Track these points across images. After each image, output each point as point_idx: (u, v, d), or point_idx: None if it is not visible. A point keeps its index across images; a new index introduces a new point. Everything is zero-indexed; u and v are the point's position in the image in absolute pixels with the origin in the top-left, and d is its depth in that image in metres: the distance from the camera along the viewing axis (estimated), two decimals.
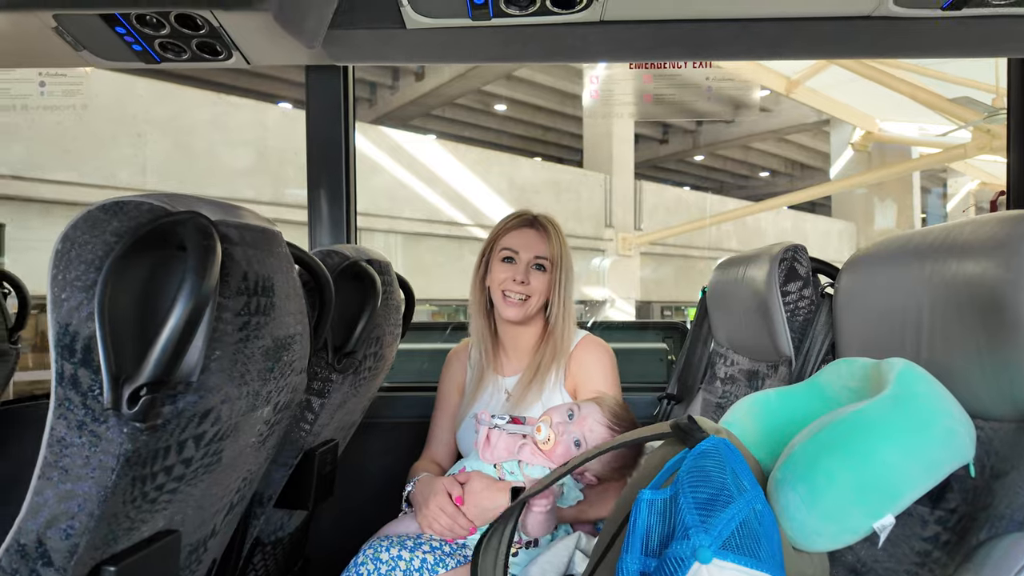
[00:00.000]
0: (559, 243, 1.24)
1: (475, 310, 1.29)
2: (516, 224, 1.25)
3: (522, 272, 1.20)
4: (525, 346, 1.27)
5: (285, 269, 0.75)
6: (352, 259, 1.03)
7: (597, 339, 1.28)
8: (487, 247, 1.28)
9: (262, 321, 0.68)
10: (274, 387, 0.75)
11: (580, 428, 1.06)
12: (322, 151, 1.43)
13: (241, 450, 0.75)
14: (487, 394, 1.28)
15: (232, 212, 0.68)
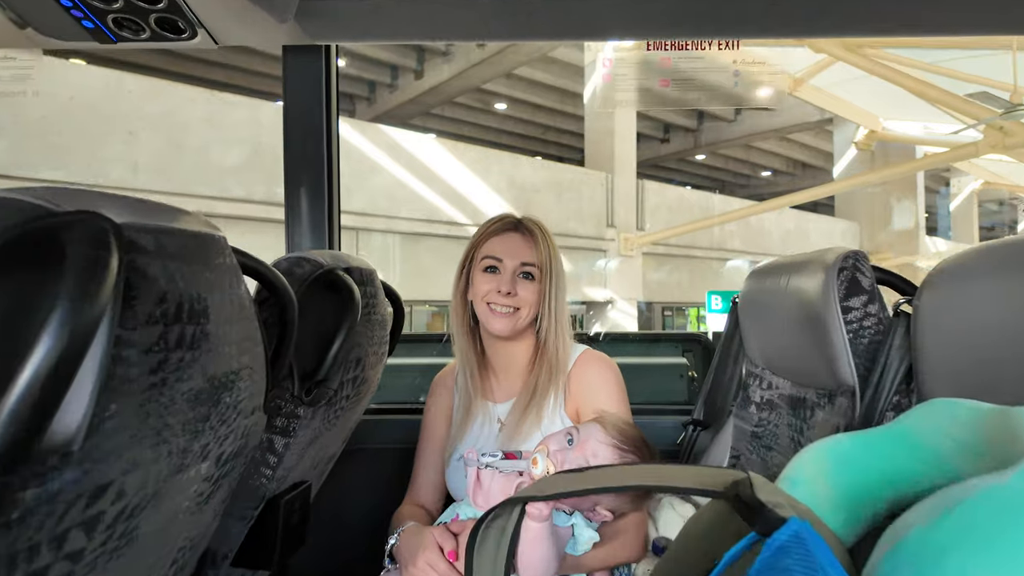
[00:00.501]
0: (548, 248, 1.07)
1: (458, 329, 1.12)
2: (498, 229, 1.09)
3: (508, 282, 1.04)
4: (517, 366, 1.11)
5: (228, 285, 0.58)
6: (326, 267, 0.87)
7: (598, 353, 1.12)
8: (467, 257, 1.12)
9: (188, 357, 0.51)
10: (213, 438, 0.58)
11: (582, 454, 0.90)
12: (301, 143, 1.26)
13: (170, 519, 0.58)
14: (477, 425, 1.11)
15: (154, 213, 0.52)
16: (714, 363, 1.21)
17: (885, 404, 0.75)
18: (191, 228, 0.55)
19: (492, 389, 1.13)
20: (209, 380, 0.55)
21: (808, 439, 0.92)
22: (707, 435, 1.21)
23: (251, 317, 0.63)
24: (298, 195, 1.24)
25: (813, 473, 0.62)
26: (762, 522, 0.47)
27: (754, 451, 1.08)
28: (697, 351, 1.62)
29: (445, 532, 0.90)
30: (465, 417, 1.10)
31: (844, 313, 0.80)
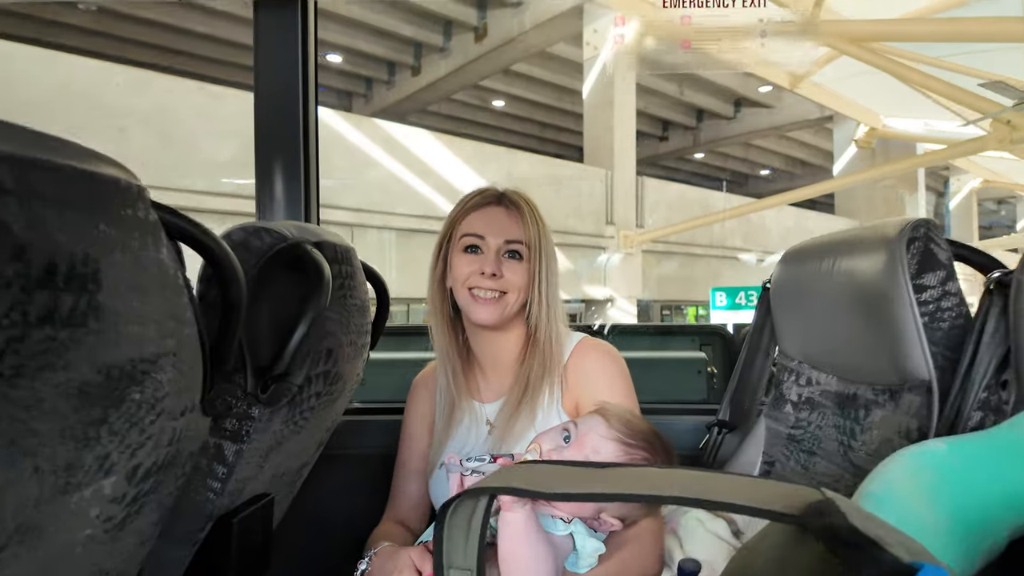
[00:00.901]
0: (536, 223, 0.93)
1: (436, 320, 0.98)
2: (478, 203, 0.96)
3: (492, 262, 0.91)
4: (506, 360, 0.98)
5: (138, 246, 0.44)
6: (291, 240, 0.72)
7: (597, 340, 0.98)
8: (444, 237, 0.97)
9: (65, 337, 0.37)
10: (117, 447, 0.44)
11: (581, 451, 0.77)
12: (274, 108, 1.11)
13: (61, 555, 0.44)
14: (463, 428, 0.97)
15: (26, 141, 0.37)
16: (741, 358, 1.07)
17: (974, 403, 0.61)
18: (84, 166, 0.40)
19: (479, 388, 1.00)
20: (103, 370, 0.40)
21: (864, 443, 0.78)
22: (734, 438, 1.07)
23: (176, 289, 0.48)
24: (271, 167, 1.09)
25: (908, 490, 0.48)
26: (873, 566, 0.33)
27: (791, 456, 0.94)
28: (717, 345, 1.48)
29: (424, 553, 0.76)
30: (449, 421, 0.96)
31: (917, 293, 0.66)
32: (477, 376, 1.00)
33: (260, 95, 1.11)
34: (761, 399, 1.07)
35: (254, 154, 1.10)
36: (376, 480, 1.21)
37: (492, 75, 11.86)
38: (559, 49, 11.17)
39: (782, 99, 13.68)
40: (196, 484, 0.66)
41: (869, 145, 12.23)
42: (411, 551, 0.77)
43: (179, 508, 0.66)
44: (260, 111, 1.11)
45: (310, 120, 1.11)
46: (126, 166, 0.46)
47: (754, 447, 1.02)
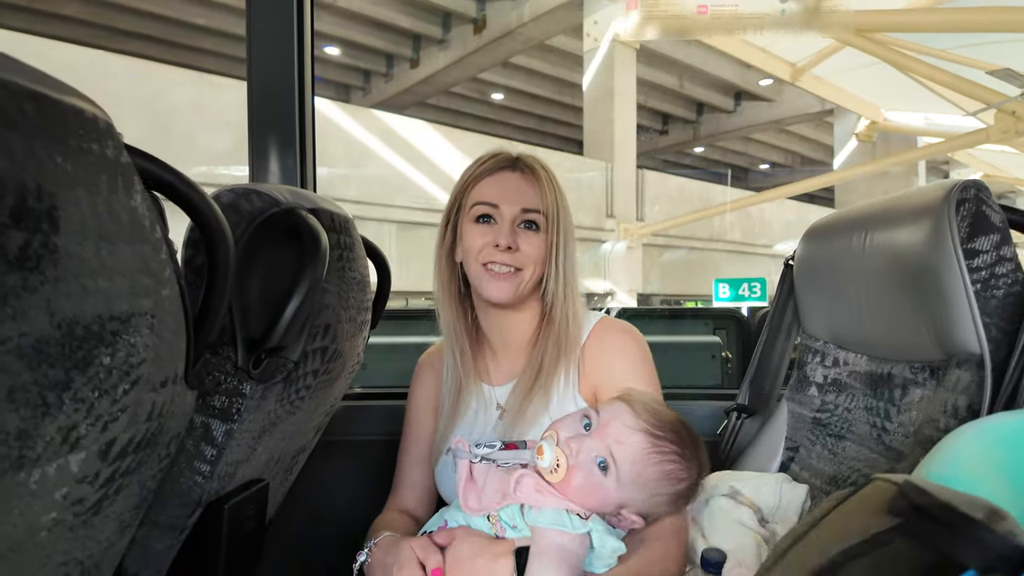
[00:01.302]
0: (553, 191, 0.86)
1: (443, 297, 0.91)
2: (491, 167, 0.87)
3: (507, 233, 0.83)
4: (519, 341, 0.91)
5: (107, 189, 0.38)
6: (285, 205, 0.67)
7: (617, 321, 0.91)
8: (453, 205, 0.89)
9: (15, 283, 0.31)
10: (85, 417, 0.38)
11: (603, 440, 0.71)
12: (269, 70, 1.05)
13: (17, 543, 0.38)
14: (471, 412, 0.90)
15: None
16: (761, 340, 1.02)
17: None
18: (35, 87, 0.35)
19: (488, 370, 0.93)
20: (62, 325, 0.35)
21: (901, 424, 0.72)
22: (753, 423, 1.01)
23: (153, 243, 0.43)
24: (265, 135, 1.03)
25: (978, 468, 0.43)
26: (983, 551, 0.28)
27: (818, 440, 0.88)
28: (731, 328, 1.42)
29: (428, 545, 0.70)
30: (455, 404, 0.90)
31: (968, 259, 0.61)
32: (487, 357, 0.94)
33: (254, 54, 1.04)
34: (783, 382, 1.02)
35: (247, 121, 1.04)
36: (377, 468, 1.15)
37: (491, 68, 11.77)
38: (559, 41, 11.08)
39: (782, 93, 13.62)
40: (182, 466, 0.60)
41: (870, 139, 12.18)
42: (413, 542, 0.70)
43: (164, 492, 0.60)
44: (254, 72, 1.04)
45: (307, 90, 1.05)
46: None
47: (775, 432, 0.97)
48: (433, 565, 0.67)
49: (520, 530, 0.70)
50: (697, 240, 12.25)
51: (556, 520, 0.67)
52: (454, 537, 0.70)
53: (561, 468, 0.69)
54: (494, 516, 0.71)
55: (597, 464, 0.69)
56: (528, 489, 0.69)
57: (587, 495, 0.69)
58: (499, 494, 0.71)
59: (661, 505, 0.73)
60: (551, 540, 0.66)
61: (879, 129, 11.94)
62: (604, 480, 0.69)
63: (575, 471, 0.69)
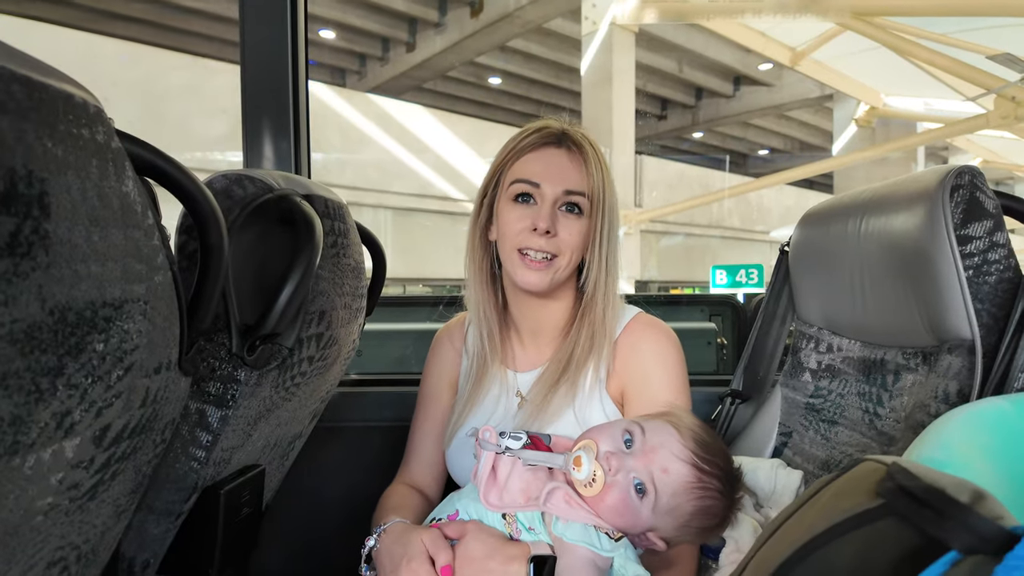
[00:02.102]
0: (601, 172, 0.79)
1: (474, 276, 0.86)
2: (535, 142, 0.80)
3: (547, 216, 0.77)
4: (550, 329, 0.86)
5: (98, 174, 0.38)
6: (278, 191, 0.66)
7: (654, 320, 0.86)
8: (490, 181, 0.83)
9: (8, 269, 0.31)
10: (79, 403, 0.39)
11: (645, 465, 0.66)
12: (262, 58, 1.04)
13: (13, 528, 0.39)
14: (491, 397, 0.87)
15: None
16: (756, 326, 1.02)
17: (1022, 361, 0.56)
18: (23, 71, 0.34)
19: (514, 355, 0.89)
20: (55, 311, 0.35)
21: (893, 409, 0.73)
22: (747, 408, 1.02)
23: (145, 229, 0.43)
24: (259, 119, 1.02)
25: (966, 451, 0.43)
26: (966, 533, 0.28)
27: (811, 426, 0.89)
28: (727, 315, 1.43)
29: (439, 539, 0.67)
30: (476, 387, 0.86)
31: (961, 245, 0.61)
32: (513, 342, 0.89)
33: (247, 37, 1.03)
34: (777, 368, 1.02)
35: (241, 107, 1.03)
36: (374, 454, 1.16)
37: (488, 51, 11.65)
38: (557, 25, 10.97)
39: (782, 77, 13.54)
40: (178, 452, 0.61)
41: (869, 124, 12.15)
42: (424, 535, 0.68)
43: (160, 478, 0.61)
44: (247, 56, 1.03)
45: (300, 72, 1.04)
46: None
47: (769, 417, 0.97)
48: (443, 562, 0.65)
49: (536, 533, 0.67)
50: (695, 226, 12.25)
51: (585, 537, 0.64)
52: (466, 531, 0.68)
53: (597, 484, 0.65)
54: (511, 515, 0.69)
55: (635, 486, 0.65)
56: (559, 502, 0.66)
57: (618, 515, 0.65)
58: (523, 495, 0.68)
59: (689, 535, 0.69)
60: (582, 556, 0.63)
61: (879, 114, 11.91)
62: (639, 505, 0.65)
63: (611, 489, 0.65)
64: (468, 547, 0.66)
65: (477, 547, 0.65)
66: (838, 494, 0.38)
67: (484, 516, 0.70)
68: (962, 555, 0.28)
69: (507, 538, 0.67)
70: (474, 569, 0.64)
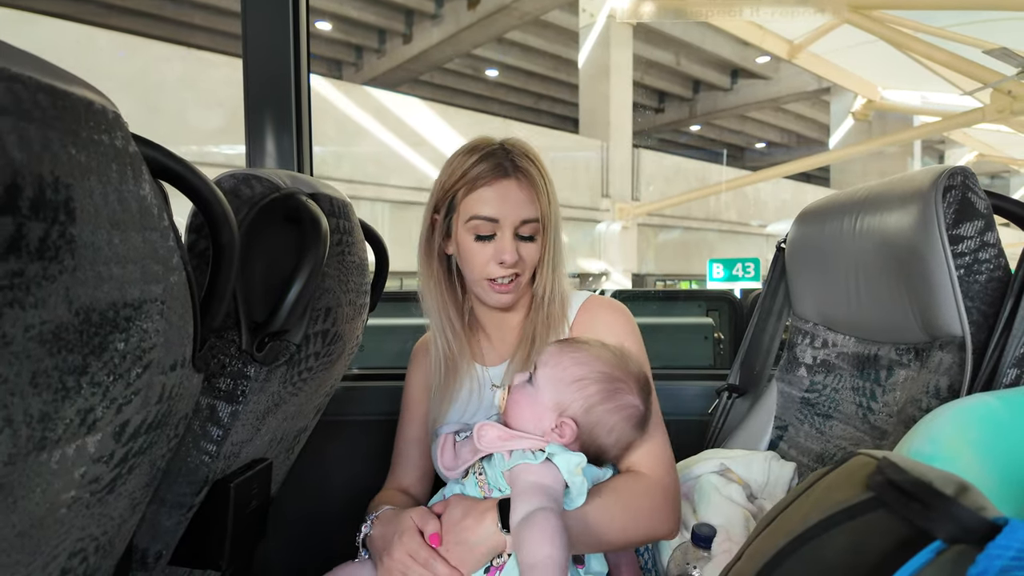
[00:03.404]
0: (548, 195, 0.86)
1: (431, 286, 0.91)
2: (486, 175, 0.84)
3: (510, 249, 0.83)
4: (511, 323, 0.93)
5: (117, 179, 0.39)
6: (285, 190, 0.67)
7: (605, 298, 0.93)
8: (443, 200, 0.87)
9: (35, 272, 0.32)
10: (101, 400, 0.40)
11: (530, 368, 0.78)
12: (264, 53, 1.05)
13: (42, 517, 0.40)
14: (464, 392, 0.91)
15: None
16: (753, 321, 1.04)
17: (1011, 359, 0.58)
18: (47, 80, 0.35)
19: (482, 351, 0.94)
20: (80, 312, 0.36)
21: (886, 404, 0.75)
22: (743, 403, 1.04)
23: (161, 231, 0.44)
24: (262, 117, 1.03)
25: (955, 446, 0.45)
26: (950, 523, 0.30)
27: (806, 420, 0.91)
28: (724, 310, 1.44)
29: (426, 513, 0.73)
30: (446, 384, 0.91)
31: (953, 244, 0.63)
32: (480, 339, 0.95)
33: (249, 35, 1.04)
34: (773, 363, 1.04)
35: (244, 105, 1.04)
36: (375, 447, 1.18)
37: (486, 43, 11.61)
38: (554, 16, 10.93)
39: (779, 70, 13.53)
40: (190, 446, 0.62)
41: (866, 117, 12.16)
42: (412, 512, 0.73)
43: (172, 471, 0.62)
44: (249, 54, 1.04)
45: (302, 70, 1.04)
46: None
47: (765, 411, 0.99)
48: (431, 531, 0.71)
49: (507, 491, 0.72)
50: (693, 220, 12.26)
51: (520, 457, 0.70)
52: (448, 504, 0.74)
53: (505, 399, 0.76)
54: (482, 480, 0.75)
55: (524, 382, 0.76)
56: (491, 438, 0.73)
57: (523, 410, 0.74)
58: (471, 453, 0.76)
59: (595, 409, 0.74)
60: (524, 479, 0.69)
61: (876, 108, 11.92)
62: (531, 390, 0.75)
63: (511, 395, 0.76)
64: (449, 514, 0.72)
65: (456, 512, 0.72)
66: (830, 487, 0.40)
67: (464, 490, 0.76)
68: (946, 544, 0.30)
69: (482, 499, 0.73)
70: (456, 530, 0.70)
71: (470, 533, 0.69)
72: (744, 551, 0.44)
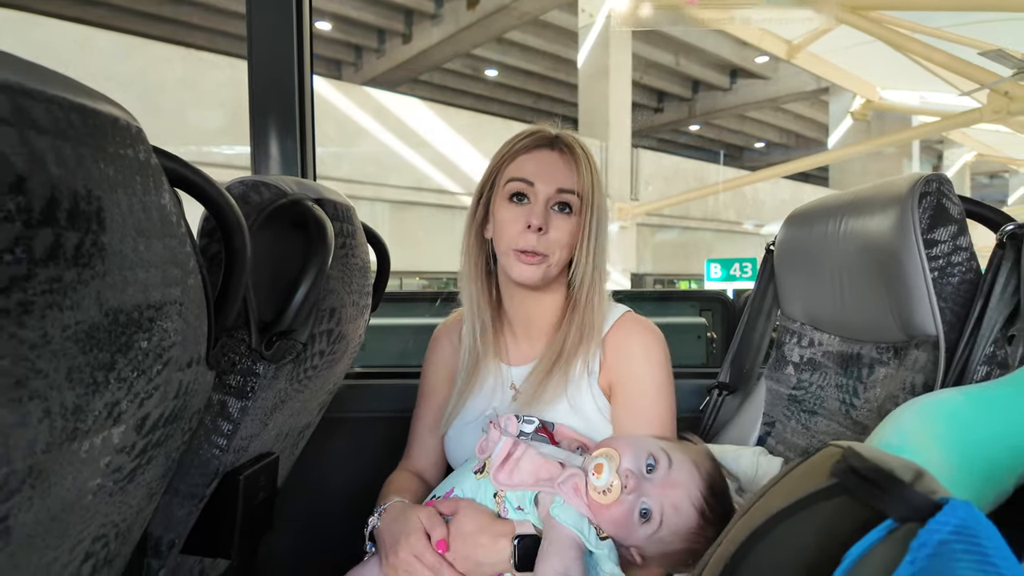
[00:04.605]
0: (591, 173, 0.84)
1: (469, 273, 0.90)
2: (529, 144, 0.85)
3: (540, 213, 0.81)
4: (541, 323, 0.90)
5: (141, 190, 0.43)
6: (291, 196, 0.71)
7: (643, 319, 0.90)
8: (486, 181, 0.88)
9: (71, 277, 0.36)
10: (126, 394, 0.43)
11: (660, 496, 0.68)
12: (269, 61, 1.08)
13: (72, 503, 0.43)
14: (487, 388, 0.91)
15: (21, 69, 0.36)
16: (743, 321, 1.07)
17: (983, 355, 0.61)
18: (79, 100, 0.39)
19: (507, 349, 0.92)
20: (109, 314, 0.39)
21: (867, 401, 0.78)
22: (734, 400, 1.07)
23: (179, 237, 0.47)
24: (266, 123, 1.06)
25: (920, 438, 0.48)
26: (901, 504, 0.33)
27: (792, 416, 0.94)
28: (717, 310, 1.48)
29: (434, 516, 0.73)
30: (470, 379, 0.90)
31: (927, 248, 0.66)
32: (507, 337, 0.93)
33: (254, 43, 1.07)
34: (762, 362, 1.08)
35: (249, 111, 1.07)
36: (376, 443, 1.21)
37: (485, 43, 11.63)
38: (553, 16, 10.95)
39: (778, 70, 13.55)
40: (201, 440, 0.65)
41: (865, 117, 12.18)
42: (421, 512, 0.73)
43: (185, 463, 0.65)
44: (254, 62, 1.07)
45: (306, 75, 1.08)
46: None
47: (754, 408, 1.03)
48: (438, 536, 0.70)
49: (525, 514, 0.71)
50: (691, 220, 12.30)
51: (578, 525, 0.67)
52: (459, 508, 0.73)
53: (611, 494, 0.67)
54: (501, 495, 0.73)
55: (641, 510, 0.68)
56: (570, 488, 0.69)
57: (615, 526, 0.68)
58: (531, 476, 0.72)
59: (664, 563, 0.72)
60: (568, 537, 0.66)
61: (874, 108, 11.94)
62: (639, 527, 0.68)
63: (620, 505, 0.67)
64: (460, 523, 0.71)
65: (469, 523, 0.71)
66: (801, 475, 0.43)
67: (476, 495, 0.75)
68: (898, 524, 0.33)
69: (496, 516, 0.72)
70: (465, 543, 0.70)
71: (482, 553, 0.68)
72: (724, 537, 0.48)
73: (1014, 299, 0.60)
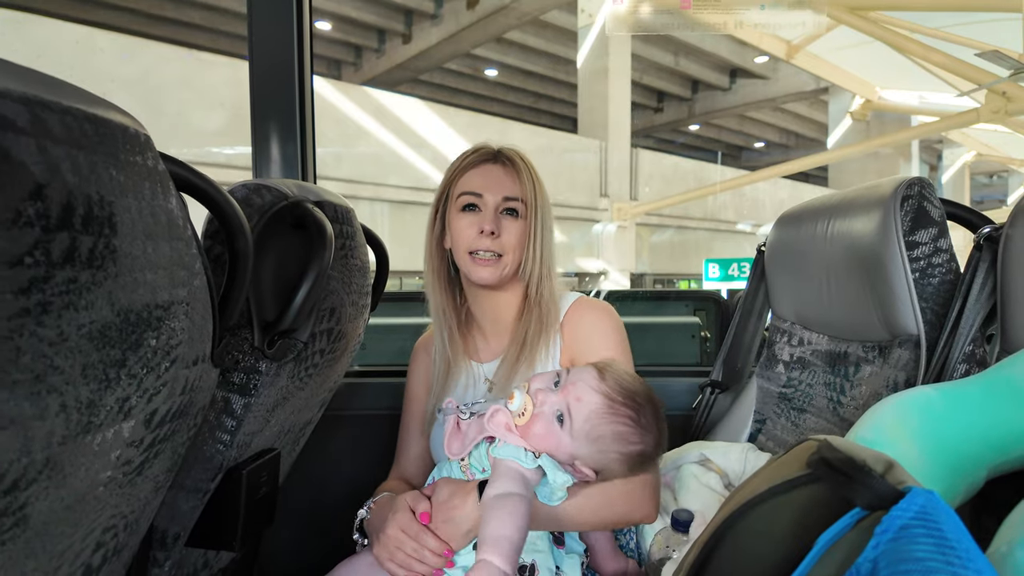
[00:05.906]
0: (532, 180, 0.93)
1: (433, 283, 0.97)
2: (475, 160, 0.94)
3: (491, 220, 0.90)
4: (505, 320, 0.97)
5: (149, 195, 0.45)
6: (292, 198, 0.73)
7: (593, 300, 0.99)
8: (441, 197, 0.96)
9: (86, 279, 0.38)
10: (135, 390, 0.45)
11: (565, 397, 0.76)
12: (269, 64, 1.10)
13: (84, 494, 0.45)
14: (460, 387, 0.98)
15: (36, 82, 0.38)
16: (734, 320, 1.09)
17: (962, 354, 0.63)
18: (92, 110, 0.41)
19: (476, 348, 1.00)
20: (120, 313, 0.41)
21: (853, 398, 0.80)
22: (726, 398, 1.09)
23: (186, 240, 0.49)
24: (267, 126, 1.08)
25: (895, 433, 0.50)
26: (868, 493, 0.35)
27: (782, 413, 0.96)
28: (710, 309, 1.50)
29: (417, 495, 0.80)
30: (445, 381, 0.97)
31: (909, 250, 0.68)
32: (476, 337, 1.00)
33: (256, 49, 1.09)
34: (754, 360, 1.10)
35: (250, 115, 1.09)
36: (375, 440, 1.24)
37: (485, 43, 11.65)
38: (553, 16, 10.97)
39: (777, 70, 13.57)
40: (206, 435, 0.67)
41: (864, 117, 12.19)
42: (406, 494, 0.80)
43: (190, 458, 0.68)
44: (255, 67, 1.09)
45: (306, 78, 1.09)
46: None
47: (745, 406, 1.05)
48: (422, 510, 0.77)
49: (488, 473, 0.77)
50: (691, 219, 12.32)
51: (514, 454, 0.74)
52: (436, 485, 0.80)
53: (526, 414, 0.75)
54: (465, 463, 0.80)
55: (556, 416, 0.75)
56: (499, 425, 0.77)
57: (543, 441, 0.75)
58: (475, 434, 0.79)
59: (613, 463, 0.77)
60: (507, 465, 0.73)
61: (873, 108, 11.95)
62: (560, 431, 0.75)
63: (537, 419, 0.75)
64: (437, 495, 0.78)
65: (443, 492, 0.78)
66: (779, 466, 0.45)
67: (451, 473, 0.82)
68: (866, 512, 0.35)
69: (466, 481, 0.79)
70: (444, 509, 0.76)
71: (456, 511, 0.75)
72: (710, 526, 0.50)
73: (991, 299, 0.62)
